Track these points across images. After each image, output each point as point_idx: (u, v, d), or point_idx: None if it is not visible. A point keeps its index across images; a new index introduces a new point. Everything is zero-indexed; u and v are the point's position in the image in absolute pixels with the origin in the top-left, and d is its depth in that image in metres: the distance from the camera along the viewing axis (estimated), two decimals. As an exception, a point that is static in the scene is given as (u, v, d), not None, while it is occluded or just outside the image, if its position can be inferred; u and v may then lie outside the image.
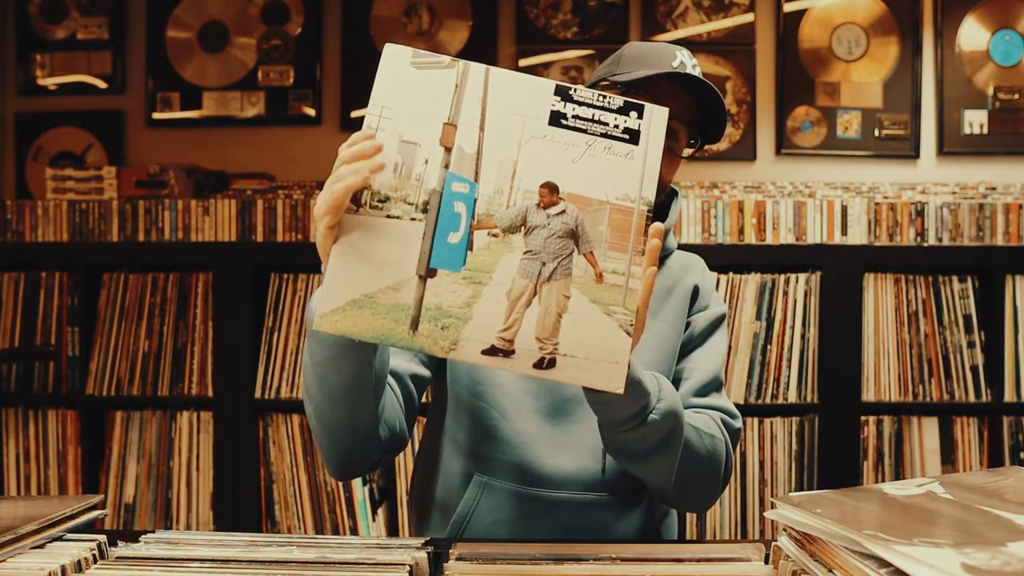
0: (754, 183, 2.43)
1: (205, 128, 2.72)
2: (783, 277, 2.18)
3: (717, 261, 2.05)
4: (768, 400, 2.16)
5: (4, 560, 0.75)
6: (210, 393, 2.21)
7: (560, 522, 1.07)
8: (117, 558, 0.78)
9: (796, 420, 2.17)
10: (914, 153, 2.63)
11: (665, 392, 0.93)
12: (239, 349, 2.20)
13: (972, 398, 2.17)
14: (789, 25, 2.66)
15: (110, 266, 2.30)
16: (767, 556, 0.79)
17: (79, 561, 0.76)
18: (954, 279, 2.19)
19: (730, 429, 1.08)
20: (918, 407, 2.18)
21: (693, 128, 1.09)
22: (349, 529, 2.18)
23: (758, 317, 2.18)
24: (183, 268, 2.28)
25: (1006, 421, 2.16)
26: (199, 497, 2.22)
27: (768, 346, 2.17)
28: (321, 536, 0.86)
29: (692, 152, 1.11)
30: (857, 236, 2.19)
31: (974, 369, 2.17)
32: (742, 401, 2.16)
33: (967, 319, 2.19)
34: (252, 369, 2.21)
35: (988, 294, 2.18)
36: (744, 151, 2.66)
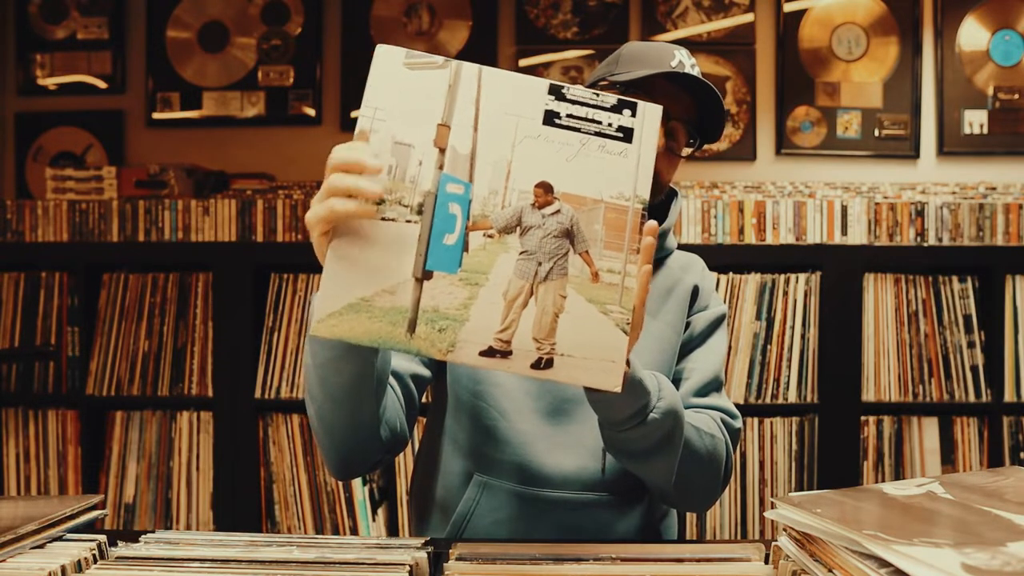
0: (754, 183, 2.43)
1: (205, 128, 2.72)
2: (783, 277, 2.18)
3: (717, 261, 2.05)
4: (768, 400, 2.16)
5: (4, 560, 0.75)
6: (210, 393, 2.21)
7: (560, 522, 1.07)
8: (117, 558, 0.78)
9: (796, 420, 2.17)
10: (914, 153, 2.63)
11: (665, 391, 0.93)
12: (239, 349, 2.20)
13: (972, 398, 2.17)
14: (789, 25, 2.66)
15: (110, 266, 2.30)
16: (767, 556, 0.79)
17: (79, 561, 0.76)
18: (954, 279, 2.19)
19: (730, 429, 1.08)
20: (918, 407, 2.19)
21: (692, 127, 1.09)
22: (349, 529, 2.18)
23: (758, 317, 2.18)
24: (183, 268, 2.28)
25: (1006, 421, 2.16)
26: (199, 497, 2.22)
27: (768, 346, 2.17)
28: (321, 536, 0.86)
29: (691, 151, 1.11)
30: (857, 236, 2.19)
31: (974, 369, 2.17)
32: (742, 401, 2.16)
33: (967, 319, 2.19)
34: (252, 369, 2.21)
35: (988, 294, 2.18)
36: (744, 151, 2.65)
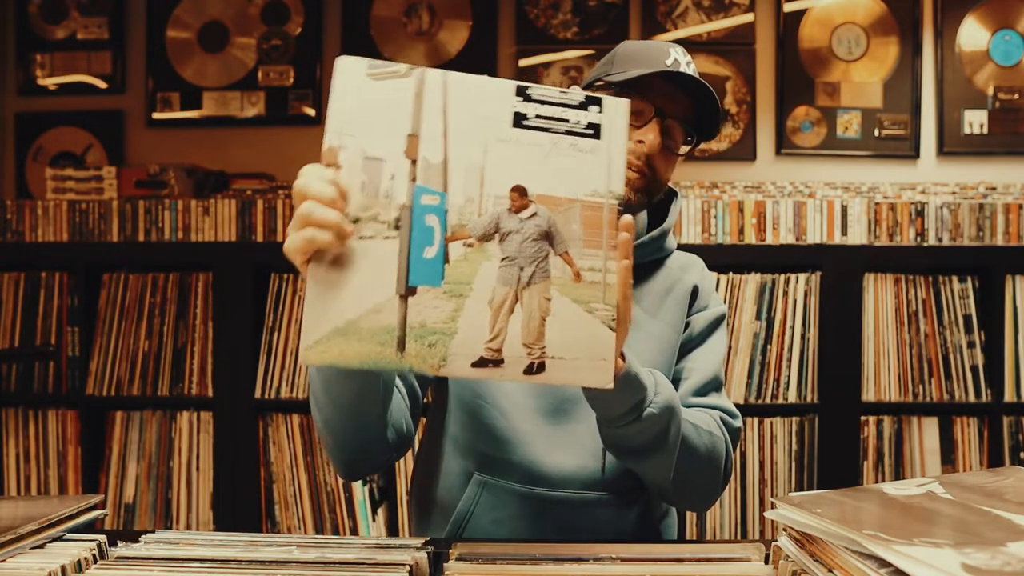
0: (754, 183, 2.43)
1: (205, 128, 2.72)
2: (783, 277, 2.18)
3: (717, 261, 2.05)
4: (768, 400, 2.16)
5: (4, 560, 0.75)
6: (210, 393, 2.21)
7: (560, 521, 1.07)
8: (117, 558, 0.78)
9: (796, 420, 2.17)
10: (914, 153, 2.63)
11: (662, 387, 0.93)
12: (239, 349, 2.20)
13: (972, 398, 2.17)
14: (789, 25, 2.66)
15: (110, 266, 2.30)
16: (767, 556, 0.79)
17: (79, 561, 0.76)
18: (954, 279, 2.19)
19: (730, 428, 1.08)
20: (918, 407, 2.19)
21: (689, 126, 1.09)
22: (349, 529, 2.18)
23: (758, 317, 2.18)
24: (183, 268, 2.28)
25: (1006, 421, 2.16)
26: (199, 497, 2.22)
27: (768, 346, 2.17)
28: (321, 536, 0.86)
29: (689, 149, 1.11)
30: (857, 236, 2.19)
31: (974, 369, 2.17)
32: (742, 401, 2.16)
33: (967, 319, 2.19)
34: (252, 369, 2.21)
35: (988, 294, 2.18)
36: (744, 151, 2.65)
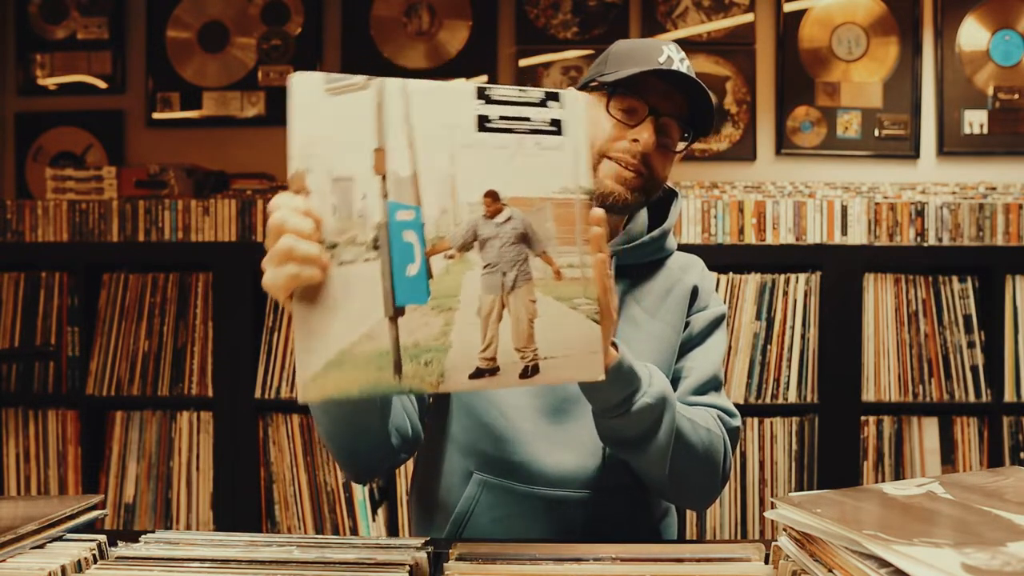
0: (754, 183, 2.43)
1: (205, 128, 2.72)
2: (783, 277, 2.18)
3: (717, 261, 2.05)
4: (768, 400, 2.16)
5: (4, 560, 0.75)
6: (210, 393, 2.21)
7: (560, 520, 1.07)
8: (117, 558, 0.78)
9: (796, 420, 2.17)
10: (914, 153, 2.63)
11: (656, 379, 0.94)
12: (239, 349, 2.20)
13: (972, 398, 2.17)
14: (789, 25, 2.66)
15: (110, 266, 2.30)
16: (767, 556, 0.79)
17: (79, 561, 0.76)
18: (954, 279, 2.19)
19: (728, 427, 1.08)
20: (918, 407, 2.18)
21: (684, 123, 1.09)
22: (349, 529, 2.18)
23: (758, 317, 2.18)
24: (183, 268, 2.28)
25: (1006, 421, 2.16)
26: (199, 497, 2.22)
27: (768, 346, 2.17)
28: (321, 536, 0.86)
29: (685, 146, 1.11)
30: (857, 236, 2.19)
31: (974, 369, 2.17)
32: (742, 401, 2.16)
33: (967, 319, 2.19)
34: (252, 369, 2.21)
35: (988, 294, 2.18)
36: (744, 151, 2.65)
